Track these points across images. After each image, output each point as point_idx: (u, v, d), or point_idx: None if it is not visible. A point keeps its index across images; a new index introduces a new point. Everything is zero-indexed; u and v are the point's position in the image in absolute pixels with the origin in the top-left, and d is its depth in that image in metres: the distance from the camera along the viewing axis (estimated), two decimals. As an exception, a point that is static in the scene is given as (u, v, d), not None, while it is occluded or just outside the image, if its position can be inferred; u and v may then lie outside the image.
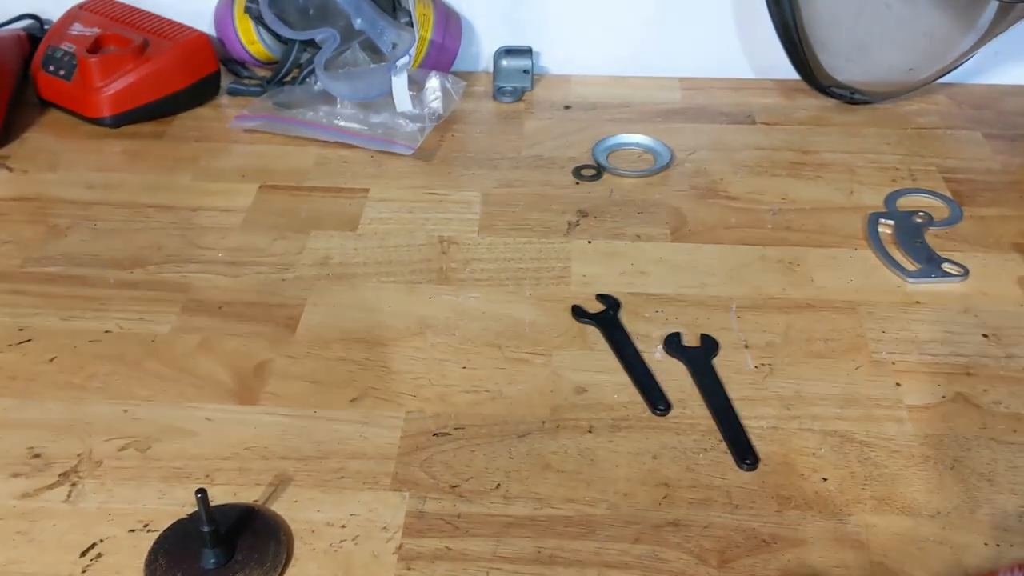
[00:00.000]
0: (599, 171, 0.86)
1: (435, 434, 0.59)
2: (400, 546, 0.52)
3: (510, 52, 0.98)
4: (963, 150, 0.89)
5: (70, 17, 0.97)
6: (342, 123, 0.90)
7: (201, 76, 0.95)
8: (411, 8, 0.90)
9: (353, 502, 0.55)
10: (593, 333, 0.67)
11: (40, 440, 0.59)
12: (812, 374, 0.64)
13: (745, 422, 0.60)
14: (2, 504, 0.55)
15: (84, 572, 0.51)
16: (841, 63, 0.94)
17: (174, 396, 0.62)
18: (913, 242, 0.76)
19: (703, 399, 0.62)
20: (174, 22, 0.96)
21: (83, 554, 0.52)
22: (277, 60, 0.99)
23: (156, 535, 0.52)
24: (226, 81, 0.99)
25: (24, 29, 1.01)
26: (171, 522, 0.53)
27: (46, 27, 1.02)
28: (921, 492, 0.55)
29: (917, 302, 0.70)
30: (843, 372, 0.64)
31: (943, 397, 0.62)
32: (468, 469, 0.57)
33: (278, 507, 0.54)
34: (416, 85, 0.91)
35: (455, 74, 0.95)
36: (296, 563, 0.51)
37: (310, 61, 0.95)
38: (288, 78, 0.97)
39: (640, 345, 0.66)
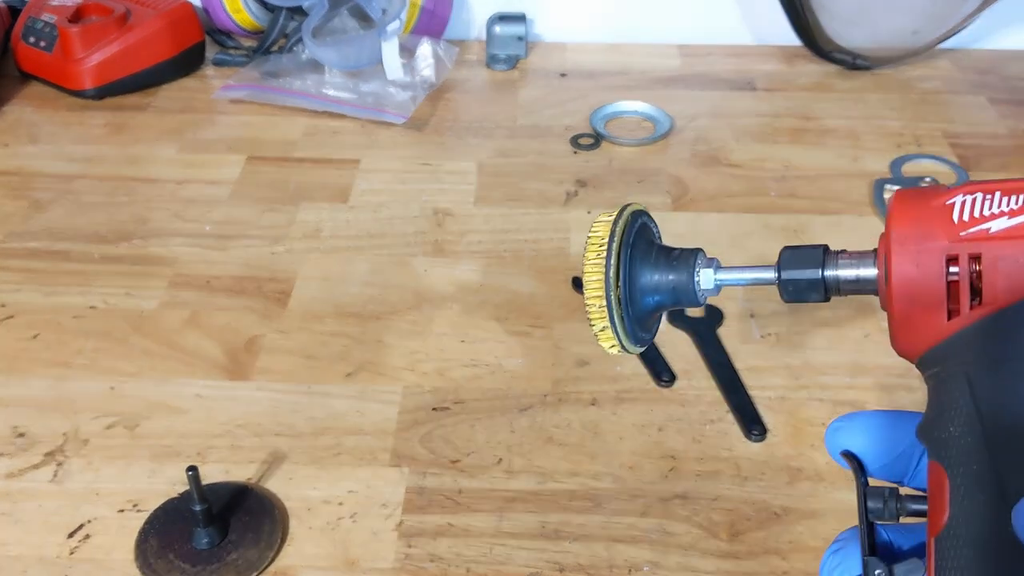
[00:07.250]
0: (597, 139, 0.83)
1: (434, 409, 0.57)
2: (400, 523, 0.50)
3: (503, 18, 0.95)
4: (968, 115, 0.87)
5: (49, -14, 0.94)
6: (331, 92, 0.87)
7: (186, 46, 0.92)
8: (401, -27, 0.88)
9: (350, 479, 0.53)
10: (594, 304, 0.65)
11: (24, 419, 0.57)
12: (820, 343, 0.62)
13: (752, 392, 0.58)
14: (-15, 485, 0.53)
15: (72, 553, 0.49)
16: (844, 27, 0.91)
17: (162, 372, 0.60)
18: (920, 208, 0.74)
19: (708, 369, 0.60)
20: (157, -10, 0.93)
21: (71, 535, 0.50)
22: (263, 29, 0.96)
23: (146, 515, 0.50)
24: (211, 51, 0.96)
25: (3, 1, 0.98)
26: (161, 502, 0.51)
27: (25, -2, 0.98)
28: (934, 461, 0.54)
29: (925, 269, 0.68)
30: (852, 340, 0.62)
31: (954, 365, 0.60)
32: (469, 444, 0.55)
33: (272, 485, 0.52)
34: (407, 52, 0.89)
35: (447, 41, 0.93)
36: (292, 542, 0.49)
37: (297, 29, 0.92)
38: (275, 47, 0.94)
39: (643, 315, 0.64)
